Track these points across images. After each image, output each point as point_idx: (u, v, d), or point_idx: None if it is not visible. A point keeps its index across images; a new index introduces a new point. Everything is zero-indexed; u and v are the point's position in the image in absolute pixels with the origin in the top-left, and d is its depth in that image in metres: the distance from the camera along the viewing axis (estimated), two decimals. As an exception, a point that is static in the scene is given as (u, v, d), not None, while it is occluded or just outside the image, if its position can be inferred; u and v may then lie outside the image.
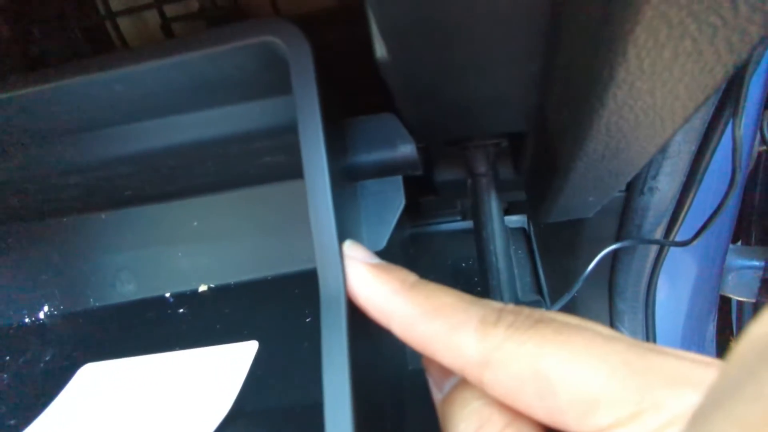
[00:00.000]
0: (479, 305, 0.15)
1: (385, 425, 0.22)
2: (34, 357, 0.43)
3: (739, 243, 0.63)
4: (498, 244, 0.27)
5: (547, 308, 0.30)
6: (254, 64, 0.21)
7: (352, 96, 0.26)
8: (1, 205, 0.42)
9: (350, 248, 0.18)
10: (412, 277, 0.17)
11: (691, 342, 0.56)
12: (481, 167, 0.26)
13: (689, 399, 0.12)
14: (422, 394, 0.29)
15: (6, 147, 0.32)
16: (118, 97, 0.22)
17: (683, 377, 0.13)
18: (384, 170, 0.22)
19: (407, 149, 0.22)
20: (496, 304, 0.16)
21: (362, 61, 0.30)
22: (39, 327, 0.46)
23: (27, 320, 0.47)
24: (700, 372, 0.13)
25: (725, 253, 0.53)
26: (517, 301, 0.30)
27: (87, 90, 0.21)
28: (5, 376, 0.42)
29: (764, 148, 0.48)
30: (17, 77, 0.24)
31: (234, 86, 0.24)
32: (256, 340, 0.37)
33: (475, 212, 0.27)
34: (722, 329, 0.69)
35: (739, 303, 0.68)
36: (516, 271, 0.34)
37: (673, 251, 0.52)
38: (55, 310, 0.47)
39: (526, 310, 0.15)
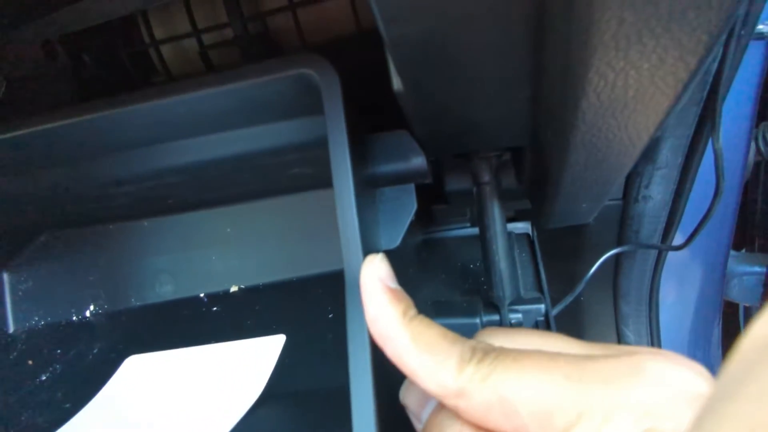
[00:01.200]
0: (459, 344, 0.18)
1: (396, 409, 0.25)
2: (83, 350, 0.47)
3: (743, 251, 0.65)
4: (500, 244, 0.30)
5: (546, 305, 0.33)
6: (291, 90, 0.25)
7: (369, 112, 0.30)
8: (56, 212, 0.46)
9: (379, 263, 0.20)
10: (412, 310, 0.20)
11: (696, 346, 0.58)
12: (485, 176, 0.30)
13: (620, 392, 0.15)
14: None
15: (74, 161, 0.37)
16: (178, 117, 0.27)
17: (612, 375, 0.16)
18: (399, 179, 0.26)
19: (418, 161, 0.26)
20: (472, 343, 0.19)
21: (376, 82, 0.34)
22: (85, 324, 0.51)
23: (74, 318, 0.52)
24: (625, 367, 0.16)
25: (726, 259, 0.55)
26: (519, 297, 0.33)
27: (155, 112, 0.26)
28: (58, 366, 0.46)
29: (761, 158, 0.50)
30: (93, 103, 0.29)
31: (272, 108, 0.29)
32: (284, 333, 0.40)
33: (480, 217, 0.31)
34: (731, 334, 0.70)
35: (746, 308, 0.69)
36: (519, 272, 0.37)
37: (679, 258, 0.54)
38: (99, 308, 0.52)
39: (493, 348, 0.18)
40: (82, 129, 0.29)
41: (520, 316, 0.31)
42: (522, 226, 0.44)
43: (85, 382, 0.43)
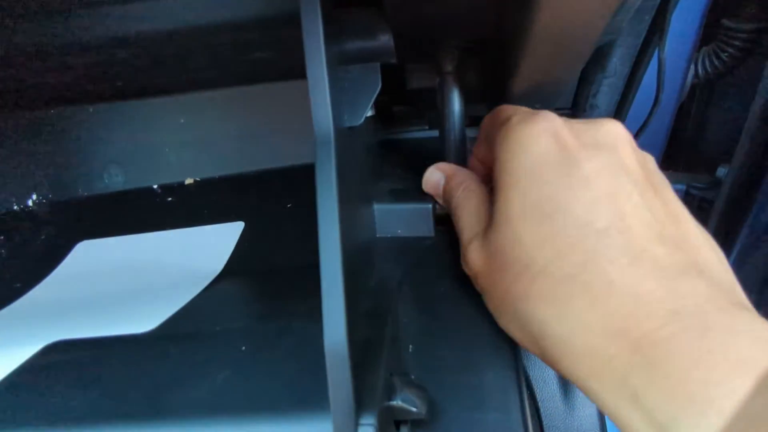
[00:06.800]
0: None
1: (361, 275, 0.27)
2: (29, 237, 0.46)
3: (669, 171, 0.72)
4: (457, 134, 0.32)
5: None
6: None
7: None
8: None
9: None
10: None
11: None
12: (448, 67, 0.31)
13: None
14: (387, 257, 0.35)
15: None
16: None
17: None
18: (365, 57, 0.27)
19: (385, 38, 0.26)
20: None
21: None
22: (29, 212, 0.49)
23: (16, 207, 0.50)
24: None
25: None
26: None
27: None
28: (2, 251, 0.45)
29: (697, 81, 0.54)
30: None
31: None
32: (242, 221, 0.41)
33: (441, 108, 0.32)
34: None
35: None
36: (471, 170, 0.40)
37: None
38: (43, 198, 0.50)
39: None
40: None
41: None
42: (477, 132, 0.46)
43: (34, 265, 0.43)
